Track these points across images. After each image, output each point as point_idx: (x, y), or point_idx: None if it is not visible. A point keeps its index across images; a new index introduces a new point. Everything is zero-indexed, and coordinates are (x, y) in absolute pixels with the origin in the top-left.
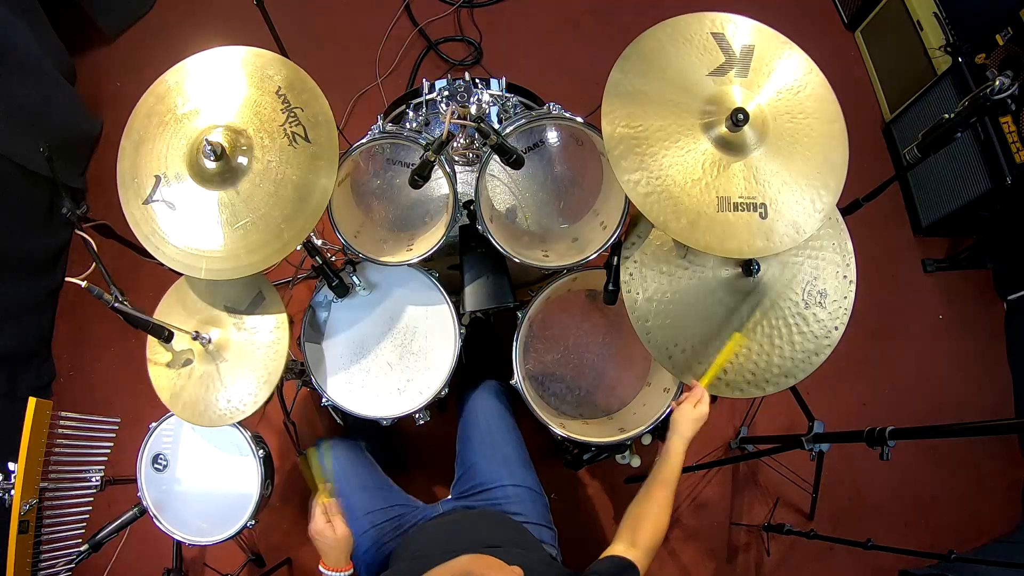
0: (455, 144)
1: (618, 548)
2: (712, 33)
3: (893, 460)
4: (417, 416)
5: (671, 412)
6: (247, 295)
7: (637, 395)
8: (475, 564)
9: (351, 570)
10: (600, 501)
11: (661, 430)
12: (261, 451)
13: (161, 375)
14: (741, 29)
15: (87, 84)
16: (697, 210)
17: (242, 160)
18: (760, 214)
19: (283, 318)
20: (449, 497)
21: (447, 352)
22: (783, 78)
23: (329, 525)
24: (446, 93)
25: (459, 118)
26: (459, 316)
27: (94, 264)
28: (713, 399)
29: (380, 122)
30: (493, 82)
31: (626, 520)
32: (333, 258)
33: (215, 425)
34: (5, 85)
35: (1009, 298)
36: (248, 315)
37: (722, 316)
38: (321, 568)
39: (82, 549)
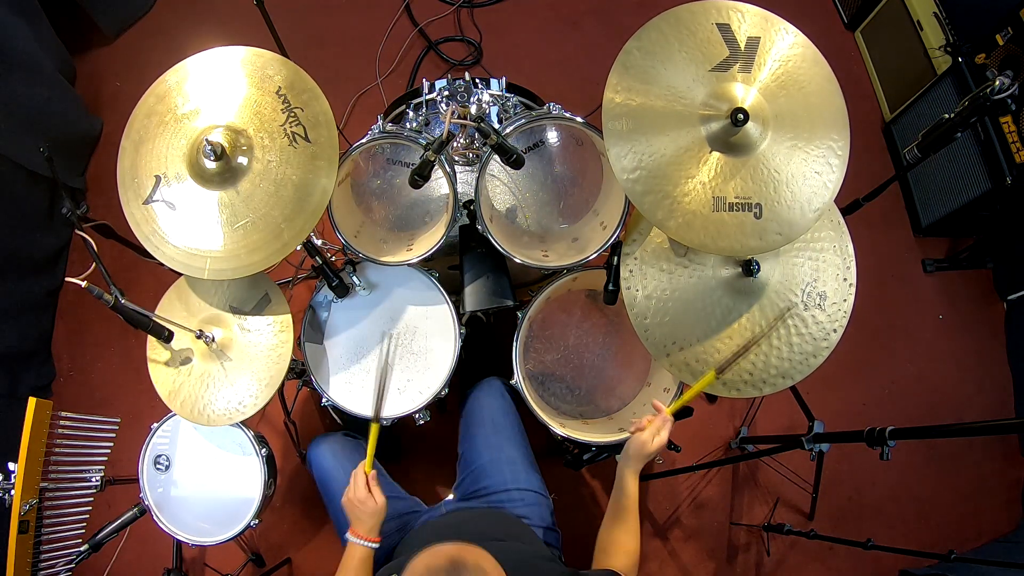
0: (455, 144)
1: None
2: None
3: (893, 460)
4: (417, 416)
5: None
6: (253, 296)
7: (637, 395)
8: (464, 551)
9: (380, 542)
10: (600, 501)
11: None
12: (264, 450)
13: (161, 373)
14: (748, 20)
15: (87, 84)
16: (692, 210)
17: (242, 160)
18: (755, 214)
19: (288, 322)
20: (451, 498)
21: (447, 352)
22: (776, 56)
23: (371, 495)
24: (446, 93)
25: (459, 118)
26: (459, 316)
27: (94, 264)
28: (712, 399)
29: (380, 122)
30: (493, 82)
31: (600, 550)
32: (333, 258)
33: (214, 424)
34: (5, 85)
35: (1009, 298)
36: (253, 316)
37: (721, 315)
38: (351, 536)
39: (82, 549)
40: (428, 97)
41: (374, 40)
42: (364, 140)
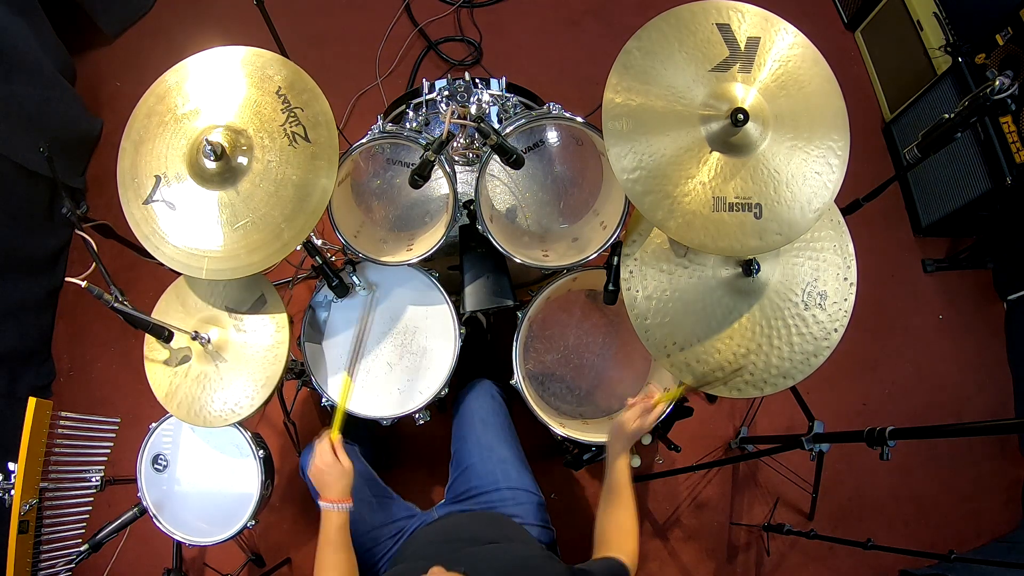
0: (455, 144)
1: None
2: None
3: (893, 460)
4: (417, 416)
5: (671, 412)
6: (249, 297)
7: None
8: None
9: (351, 503)
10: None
11: (662, 430)
12: (261, 451)
13: (158, 373)
14: (748, 20)
15: (87, 84)
16: (692, 210)
17: (242, 160)
18: (755, 214)
19: (284, 323)
20: (444, 501)
21: (447, 352)
22: (775, 56)
23: (337, 460)
24: (446, 93)
25: (459, 118)
26: (459, 316)
27: (94, 264)
28: (712, 399)
29: (380, 122)
30: (493, 82)
31: (598, 537)
32: (333, 258)
33: (210, 425)
34: (5, 85)
35: (1009, 298)
36: (249, 317)
37: (721, 315)
38: (323, 503)
39: (82, 549)
40: (428, 97)
41: (374, 40)
42: (364, 140)
